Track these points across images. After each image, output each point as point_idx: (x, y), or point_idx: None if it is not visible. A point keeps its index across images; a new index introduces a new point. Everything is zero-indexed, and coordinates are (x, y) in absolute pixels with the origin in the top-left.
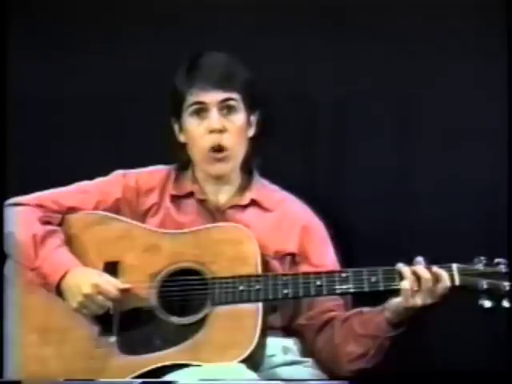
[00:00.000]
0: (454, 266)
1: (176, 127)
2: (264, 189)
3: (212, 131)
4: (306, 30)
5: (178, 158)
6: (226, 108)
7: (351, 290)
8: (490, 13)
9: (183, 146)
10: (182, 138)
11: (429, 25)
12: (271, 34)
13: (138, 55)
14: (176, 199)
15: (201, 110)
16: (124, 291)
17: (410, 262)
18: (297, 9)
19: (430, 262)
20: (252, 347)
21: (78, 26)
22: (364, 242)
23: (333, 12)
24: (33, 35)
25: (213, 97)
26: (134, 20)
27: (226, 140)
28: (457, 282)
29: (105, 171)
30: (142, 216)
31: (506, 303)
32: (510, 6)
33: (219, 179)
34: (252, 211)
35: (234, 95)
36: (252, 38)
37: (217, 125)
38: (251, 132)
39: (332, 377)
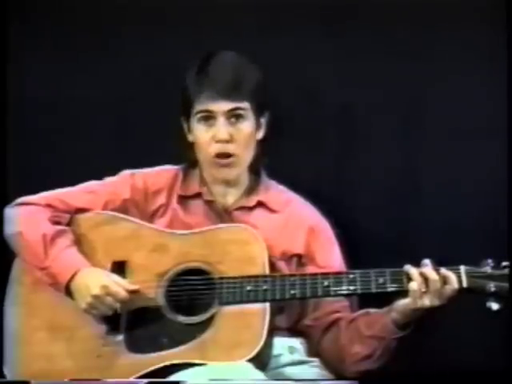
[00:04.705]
0: (462, 268)
1: (185, 126)
2: (271, 190)
3: (218, 141)
4: (313, 30)
5: (187, 156)
6: (234, 117)
7: (358, 291)
8: (490, 13)
9: (192, 145)
10: (190, 138)
11: (430, 25)
12: (278, 34)
13: (139, 55)
14: (183, 200)
15: (208, 118)
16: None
17: (415, 263)
18: (306, 8)
19: (436, 263)
20: (259, 347)
21: (79, 26)
22: (370, 244)
23: (342, 12)
24: (33, 35)
25: (220, 106)
26: (135, 20)
27: (232, 148)
28: (464, 284)
29: (105, 172)
30: (150, 217)
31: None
32: (510, 6)
33: (227, 182)
34: (259, 212)
35: (243, 104)
36: (257, 37)
37: (223, 135)
38: (260, 134)
39: (339, 377)
